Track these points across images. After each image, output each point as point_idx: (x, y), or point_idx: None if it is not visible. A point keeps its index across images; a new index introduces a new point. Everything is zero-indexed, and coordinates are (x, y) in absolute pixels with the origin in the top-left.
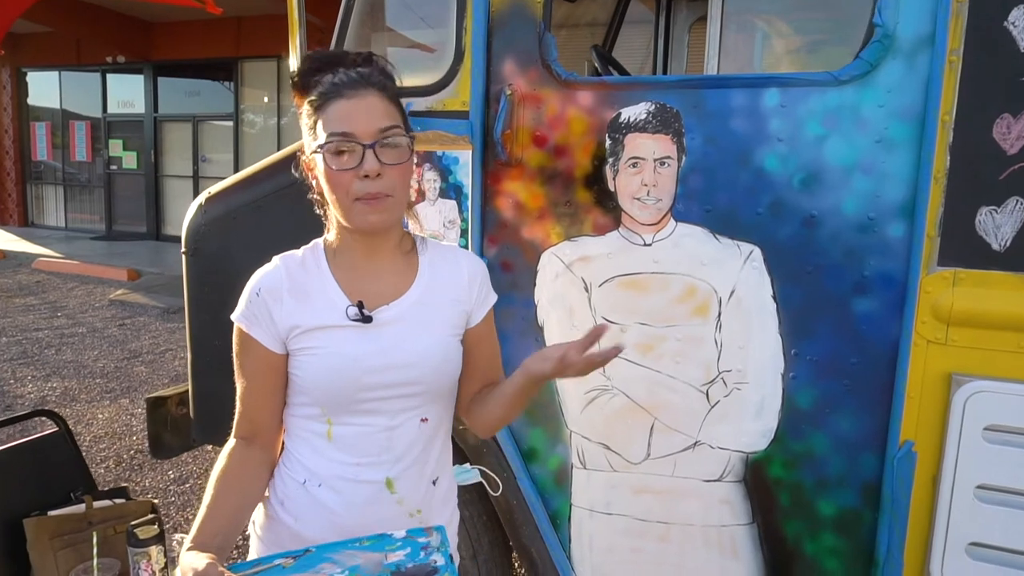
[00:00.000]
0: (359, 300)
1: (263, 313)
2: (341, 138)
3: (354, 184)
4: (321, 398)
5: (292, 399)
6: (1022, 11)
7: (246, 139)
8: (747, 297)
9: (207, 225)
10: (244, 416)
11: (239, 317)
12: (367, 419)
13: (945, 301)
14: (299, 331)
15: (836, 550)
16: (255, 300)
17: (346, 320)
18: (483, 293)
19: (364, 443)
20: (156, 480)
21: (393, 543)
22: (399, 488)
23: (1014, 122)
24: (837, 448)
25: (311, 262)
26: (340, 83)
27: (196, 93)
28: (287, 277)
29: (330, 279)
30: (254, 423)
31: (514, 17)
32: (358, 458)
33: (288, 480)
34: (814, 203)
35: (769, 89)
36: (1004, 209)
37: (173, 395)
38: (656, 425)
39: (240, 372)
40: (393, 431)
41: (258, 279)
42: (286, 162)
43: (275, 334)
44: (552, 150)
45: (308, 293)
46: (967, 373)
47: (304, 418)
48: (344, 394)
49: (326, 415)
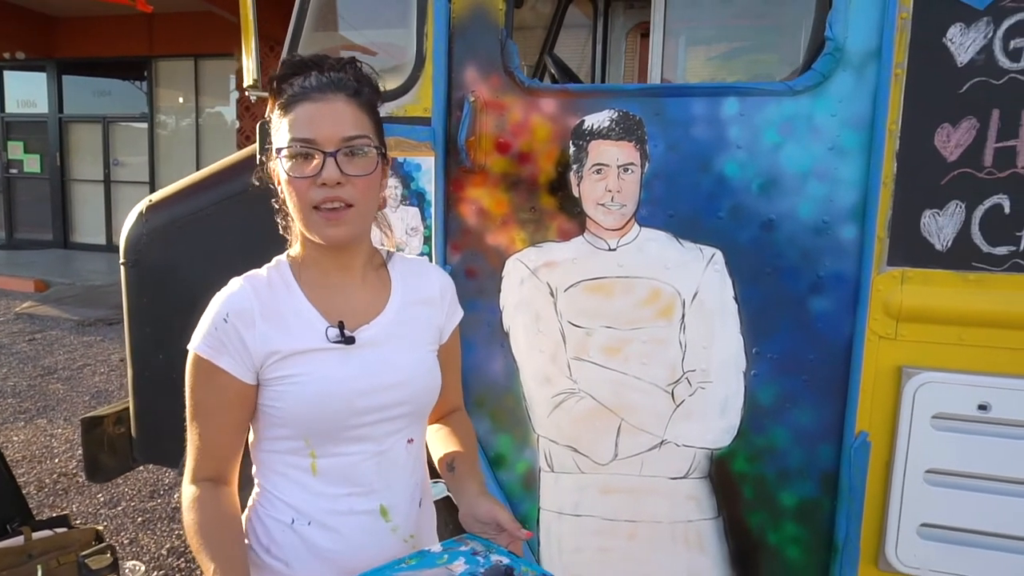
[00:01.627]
0: (339, 320)
1: (233, 340)
2: (302, 144)
3: (311, 191)
4: (307, 429)
5: (266, 433)
6: (959, 28)
7: (161, 141)
8: (710, 299)
9: (149, 235)
10: (207, 456)
11: (201, 347)
12: (356, 447)
13: (895, 299)
14: (277, 358)
15: (798, 539)
16: (223, 326)
17: (327, 343)
18: (452, 308)
19: (354, 473)
20: (84, 505)
21: (439, 556)
22: (393, 515)
23: (953, 131)
24: (797, 441)
25: (278, 281)
26: (309, 87)
27: (106, 93)
28: (256, 299)
29: (302, 299)
30: (220, 462)
31: (475, 23)
32: (350, 489)
33: (271, 523)
34: (772, 207)
35: (728, 98)
36: (946, 212)
37: (110, 414)
38: (623, 426)
39: (199, 409)
40: (383, 456)
41: (223, 303)
42: (236, 168)
43: (247, 362)
44: (516, 157)
45: (282, 315)
46: (916, 366)
47: (283, 453)
48: (334, 422)
49: (310, 447)
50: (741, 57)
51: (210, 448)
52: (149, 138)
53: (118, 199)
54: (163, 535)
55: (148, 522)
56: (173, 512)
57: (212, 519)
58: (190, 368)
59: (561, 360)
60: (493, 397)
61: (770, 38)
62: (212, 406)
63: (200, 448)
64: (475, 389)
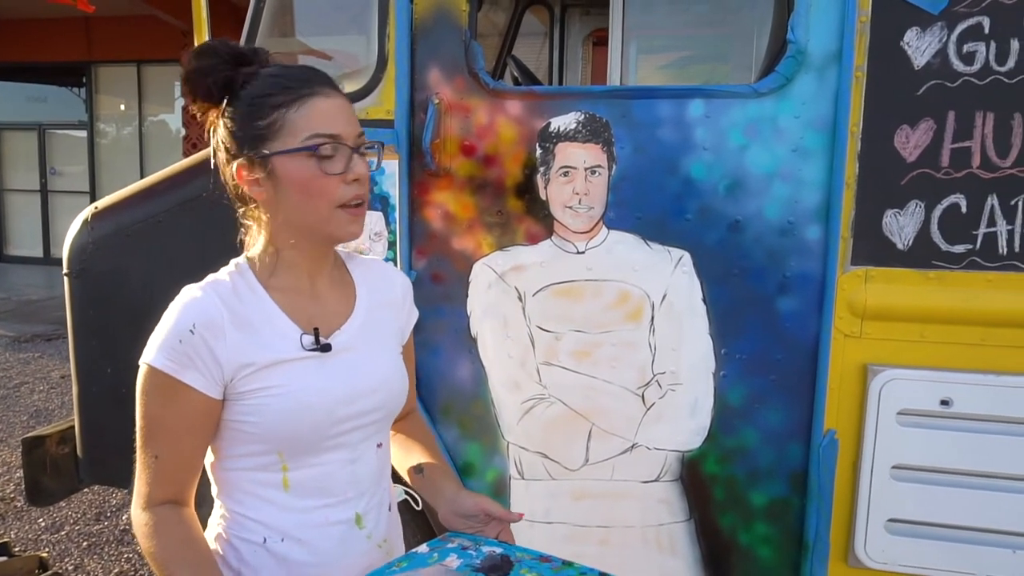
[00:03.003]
0: (315, 327)
1: (201, 352)
2: (329, 140)
3: (340, 189)
4: (283, 443)
5: (231, 451)
6: (915, 32)
7: (102, 150)
8: (678, 300)
9: (95, 243)
10: (166, 480)
11: (163, 361)
12: (330, 456)
13: (859, 297)
14: (251, 370)
15: (768, 538)
16: (189, 338)
17: (302, 351)
18: (411, 309)
19: (329, 483)
20: (24, 531)
21: (430, 555)
22: (367, 522)
23: (912, 132)
24: (766, 441)
25: (243, 287)
26: (308, 79)
27: (41, 99)
28: (224, 307)
29: (272, 305)
30: (181, 485)
31: (438, 25)
32: (325, 500)
33: (240, 544)
34: (738, 209)
35: (694, 100)
36: (906, 211)
37: (53, 433)
38: (594, 431)
39: (157, 429)
40: (356, 463)
41: (187, 313)
42: (188, 174)
43: (216, 376)
44: (481, 160)
45: (252, 324)
46: (880, 363)
47: (251, 470)
48: (314, 433)
49: (283, 461)
50: (697, 65)
51: (170, 471)
52: (89, 146)
53: (56, 210)
54: (111, 559)
55: (94, 546)
56: (121, 535)
57: (181, 543)
58: (145, 385)
59: (530, 365)
60: (461, 404)
61: (726, 46)
62: (173, 426)
63: (157, 471)
64: (443, 396)
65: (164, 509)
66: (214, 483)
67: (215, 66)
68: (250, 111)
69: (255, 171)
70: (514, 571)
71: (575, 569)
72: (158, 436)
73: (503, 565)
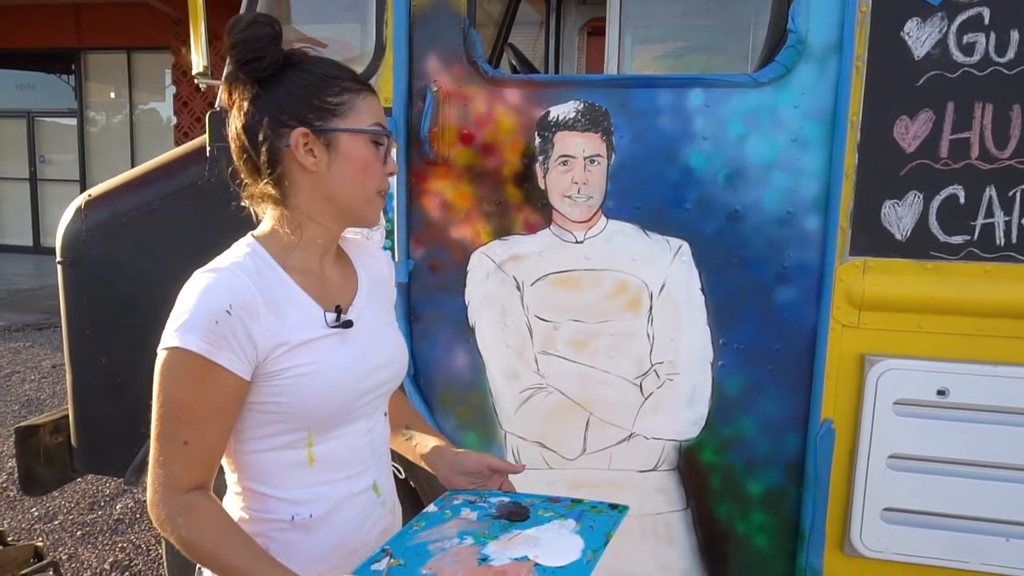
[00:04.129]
0: (336, 305)
1: (238, 334)
2: (383, 131)
3: (382, 177)
4: (313, 419)
5: (254, 433)
6: (915, 23)
7: (92, 138)
8: (677, 290)
9: (89, 231)
10: (197, 463)
11: (197, 343)
12: (352, 427)
13: (857, 288)
14: (284, 349)
15: (765, 527)
16: (226, 319)
17: (326, 329)
18: (393, 285)
19: (351, 454)
20: (17, 520)
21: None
22: (383, 489)
23: (911, 123)
24: (764, 430)
25: (265, 268)
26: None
27: (30, 86)
28: (257, 289)
29: (294, 285)
30: (209, 468)
31: (437, 12)
32: (348, 471)
33: (267, 526)
34: (737, 199)
35: (694, 89)
36: (905, 202)
37: (46, 423)
38: (591, 420)
39: (190, 413)
40: (372, 432)
41: (220, 294)
42: (182, 162)
43: (250, 357)
44: (480, 148)
45: (280, 305)
46: (878, 353)
47: (278, 449)
48: (342, 406)
49: (310, 437)
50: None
51: (201, 455)
52: (79, 134)
53: (46, 198)
54: (105, 549)
55: (88, 536)
56: (115, 524)
57: (227, 527)
58: (173, 369)
59: (528, 355)
60: (459, 394)
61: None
62: (205, 410)
63: (187, 457)
64: (441, 386)
65: (197, 495)
66: (232, 468)
67: (277, 35)
68: (321, 86)
69: (316, 141)
70: (532, 513)
71: (585, 504)
72: (188, 421)
73: (519, 510)
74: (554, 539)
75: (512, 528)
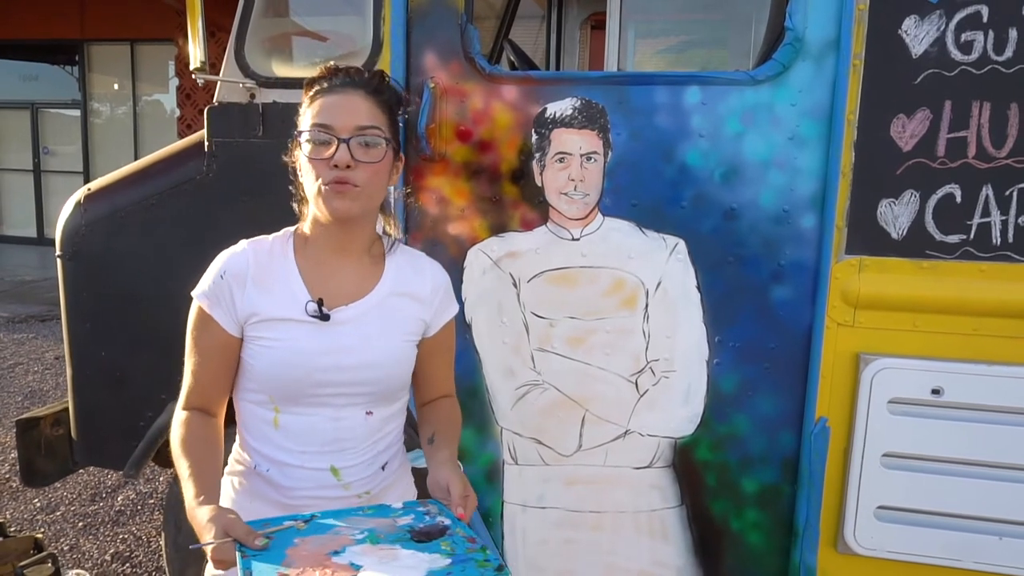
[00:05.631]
0: (319, 297)
1: (225, 296)
2: (320, 129)
3: (325, 172)
4: (270, 388)
5: (242, 383)
6: (913, 20)
7: (96, 130)
8: (673, 288)
9: (88, 226)
10: (195, 390)
11: (201, 295)
12: (313, 410)
13: (852, 286)
14: (256, 319)
15: (759, 524)
16: (219, 282)
17: (304, 315)
18: (444, 305)
19: (312, 435)
20: (19, 511)
21: (396, 511)
22: (345, 475)
23: (908, 122)
24: (758, 428)
25: (279, 250)
26: (334, 83)
27: (34, 77)
28: (254, 263)
29: (294, 270)
30: (205, 396)
31: (434, 8)
32: (305, 447)
33: (242, 466)
34: (734, 196)
35: (691, 87)
36: (901, 201)
37: (47, 415)
38: (587, 417)
39: (194, 347)
40: (339, 422)
41: (224, 261)
42: (182, 156)
43: (234, 318)
44: (477, 145)
45: (270, 282)
46: (873, 352)
47: (253, 404)
48: (293, 388)
49: (274, 403)
50: (695, 50)
51: (200, 386)
52: (82, 126)
53: (49, 190)
54: (106, 540)
55: (90, 527)
56: (116, 516)
57: (194, 437)
58: (192, 312)
59: (524, 351)
60: (455, 390)
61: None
62: (202, 349)
63: (191, 383)
64: None
65: (193, 414)
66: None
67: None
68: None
69: (294, 150)
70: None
71: (484, 554)
72: (193, 355)
73: (434, 533)
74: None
75: (409, 545)
